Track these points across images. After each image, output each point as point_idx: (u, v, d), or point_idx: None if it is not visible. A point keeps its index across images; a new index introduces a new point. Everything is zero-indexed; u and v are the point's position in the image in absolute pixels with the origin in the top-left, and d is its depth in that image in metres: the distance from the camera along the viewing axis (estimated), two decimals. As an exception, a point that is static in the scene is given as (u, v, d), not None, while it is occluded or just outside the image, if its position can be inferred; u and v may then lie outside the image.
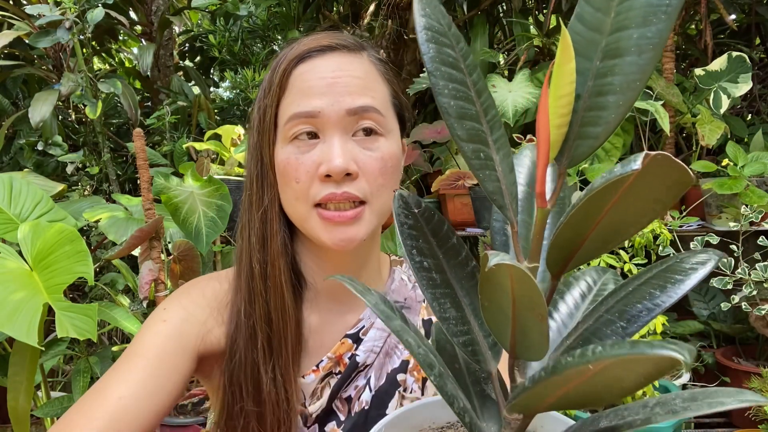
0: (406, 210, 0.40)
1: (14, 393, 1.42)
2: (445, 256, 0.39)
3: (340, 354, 0.74)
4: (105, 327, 1.77)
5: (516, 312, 0.33)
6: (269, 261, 0.71)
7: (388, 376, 0.75)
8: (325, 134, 0.67)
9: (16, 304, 1.10)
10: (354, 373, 0.74)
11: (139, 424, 0.64)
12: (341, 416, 0.74)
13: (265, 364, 0.70)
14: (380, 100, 0.69)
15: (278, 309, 0.71)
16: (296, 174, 0.67)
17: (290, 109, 0.67)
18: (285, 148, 0.68)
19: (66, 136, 2.71)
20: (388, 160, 0.68)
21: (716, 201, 1.67)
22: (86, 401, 0.65)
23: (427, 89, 2.17)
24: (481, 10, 2.36)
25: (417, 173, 2.03)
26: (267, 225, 0.71)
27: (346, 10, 2.68)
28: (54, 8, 2.15)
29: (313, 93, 0.66)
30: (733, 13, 2.35)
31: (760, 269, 1.46)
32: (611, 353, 0.26)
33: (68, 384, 1.93)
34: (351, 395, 0.74)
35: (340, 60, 0.69)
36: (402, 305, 0.79)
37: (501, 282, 0.31)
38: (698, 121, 1.70)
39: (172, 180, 1.64)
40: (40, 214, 1.52)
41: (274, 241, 0.71)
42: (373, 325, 0.76)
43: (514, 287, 0.30)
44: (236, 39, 3.29)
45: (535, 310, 0.32)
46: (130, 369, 0.66)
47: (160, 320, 0.71)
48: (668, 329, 1.74)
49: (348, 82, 0.67)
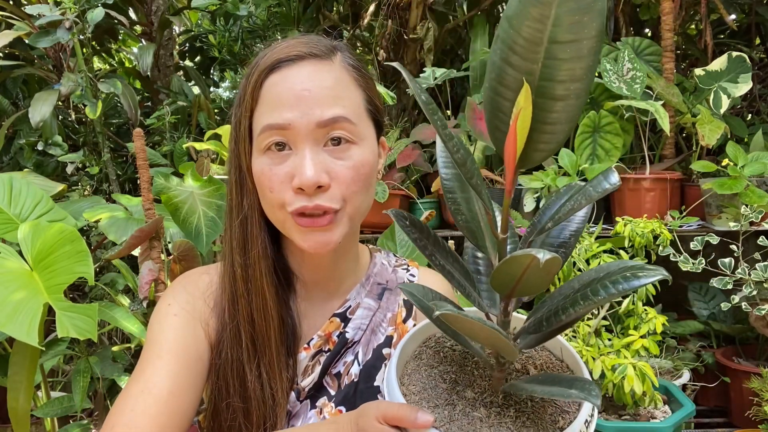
0: (411, 226, 0.60)
1: (14, 393, 1.42)
2: (435, 246, 0.60)
3: (329, 332, 0.79)
4: (105, 327, 1.77)
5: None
6: (250, 264, 0.74)
7: (374, 350, 0.81)
8: (296, 146, 0.68)
9: (16, 304, 1.10)
10: (343, 349, 0.79)
11: (188, 416, 0.69)
12: (332, 391, 0.78)
13: (249, 363, 0.73)
14: (351, 108, 0.70)
15: (260, 310, 0.74)
16: (270, 184, 0.69)
17: (262, 120, 0.69)
18: (260, 158, 0.70)
19: (66, 136, 2.71)
20: (360, 167, 0.70)
21: (716, 201, 1.67)
22: (135, 401, 0.67)
23: (427, 89, 2.17)
24: (481, 10, 2.36)
25: (417, 173, 2.03)
26: (246, 230, 0.74)
27: (346, 10, 2.68)
28: (54, 8, 2.14)
29: (283, 105, 0.68)
30: (733, 13, 2.35)
31: (760, 269, 1.46)
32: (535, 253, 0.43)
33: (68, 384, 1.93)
34: (340, 371, 0.79)
35: (311, 69, 0.69)
36: (385, 287, 0.85)
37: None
38: (698, 121, 1.70)
39: (172, 180, 1.64)
40: (40, 214, 1.52)
41: (255, 246, 0.74)
42: (359, 305, 0.82)
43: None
44: (236, 39, 3.29)
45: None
46: (163, 365, 0.70)
47: (170, 315, 0.74)
48: (668, 329, 1.74)
49: (318, 93, 0.68)
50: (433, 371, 0.61)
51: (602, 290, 0.47)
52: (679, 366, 1.64)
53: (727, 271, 1.49)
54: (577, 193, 0.52)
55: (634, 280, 0.46)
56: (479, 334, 0.50)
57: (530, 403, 0.58)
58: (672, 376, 1.62)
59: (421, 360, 0.63)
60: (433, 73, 2.00)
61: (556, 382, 0.50)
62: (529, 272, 0.46)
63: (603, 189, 0.50)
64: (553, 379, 0.52)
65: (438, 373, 0.61)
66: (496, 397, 0.58)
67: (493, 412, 0.56)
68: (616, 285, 0.46)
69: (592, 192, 0.50)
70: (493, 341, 0.50)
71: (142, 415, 0.65)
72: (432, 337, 0.66)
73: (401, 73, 0.51)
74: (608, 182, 0.50)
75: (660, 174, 1.71)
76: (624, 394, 1.31)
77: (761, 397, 1.48)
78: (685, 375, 1.62)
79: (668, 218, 1.67)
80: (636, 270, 0.47)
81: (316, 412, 0.77)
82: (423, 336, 0.66)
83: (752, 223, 1.56)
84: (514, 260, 0.45)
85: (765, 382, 1.49)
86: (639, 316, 1.45)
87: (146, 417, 0.65)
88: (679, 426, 1.32)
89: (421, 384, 0.59)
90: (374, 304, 0.83)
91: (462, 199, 0.60)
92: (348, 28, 2.63)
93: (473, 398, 0.58)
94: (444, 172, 0.61)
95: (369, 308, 0.82)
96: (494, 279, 0.49)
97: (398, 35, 2.39)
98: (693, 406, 1.36)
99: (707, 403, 1.85)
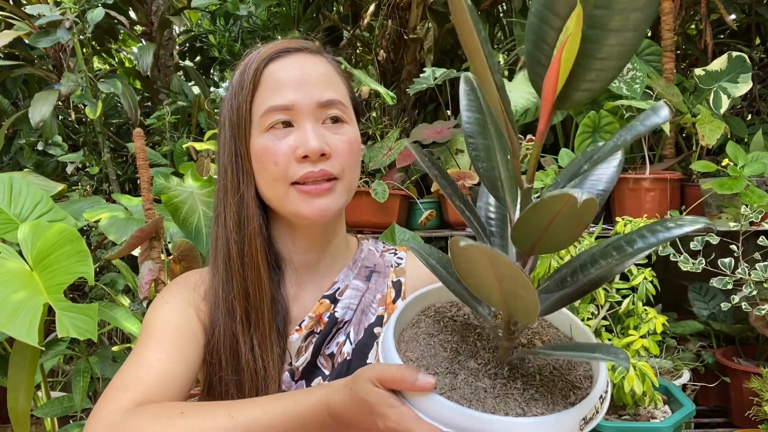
0: (431, 164, 0.56)
1: (14, 393, 1.42)
2: (453, 189, 0.56)
3: (320, 313, 0.82)
4: (105, 327, 1.77)
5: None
6: (246, 241, 0.78)
7: (366, 330, 0.83)
8: (298, 123, 0.76)
9: (16, 304, 1.10)
10: (334, 329, 0.82)
11: (179, 387, 0.70)
12: (326, 371, 0.81)
13: (243, 335, 0.77)
14: (342, 94, 0.80)
15: (255, 283, 0.78)
16: (274, 158, 0.75)
17: (266, 103, 0.76)
18: (261, 136, 0.76)
19: (66, 136, 2.71)
20: (353, 143, 0.79)
21: (716, 201, 1.67)
22: (127, 371, 0.70)
23: (427, 89, 2.17)
24: (481, 10, 2.36)
25: (417, 173, 2.02)
26: (243, 209, 0.78)
27: (346, 10, 2.68)
28: (54, 8, 2.14)
29: (287, 87, 0.76)
30: (733, 13, 2.34)
31: (760, 269, 1.46)
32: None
33: (68, 384, 1.93)
34: (333, 351, 0.82)
35: (306, 60, 0.79)
36: (372, 270, 0.88)
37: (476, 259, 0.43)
38: (698, 121, 1.70)
39: (172, 180, 1.64)
40: (40, 214, 1.52)
41: (251, 223, 0.78)
42: (348, 286, 0.85)
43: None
44: (236, 39, 3.29)
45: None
46: (155, 342, 0.73)
47: (163, 303, 0.79)
48: (668, 329, 1.74)
49: (316, 78, 0.77)
50: (432, 339, 0.57)
51: (639, 240, 0.42)
52: (679, 366, 1.64)
53: (727, 271, 1.49)
54: (622, 130, 0.46)
55: (675, 229, 0.42)
56: (503, 277, 0.43)
57: (539, 376, 0.54)
58: (672, 376, 1.62)
59: (419, 328, 0.59)
60: (433, 73, 2.00)
61: (576, 348, 0.46)
62: (558, 219, 0.40)
63: (652, 124, 0.44)
64: (570, 346, 0.48)
65: (438, 342, 0.57)
66: (502, 368, 0.54)
67: (498, 383, 0.52)
68: (656, 234, 0.42)
69: (639, 126, 0.45)
70: (517, 289, 0.43)
71: (132, 377, 0.69)
72: (432, 306, 0.64)
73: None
74: (658, 116, 0.45)
75: (660, 174, 1.71)
76: (624, 394, 1.31)
77: (761, 397, 1.48)
78: (685, 375, 1.62)
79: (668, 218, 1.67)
80: (675, 220, 0.43)
81: None
82: (422, 304, 0.64)
83: (752, 223, 1.56)
84: (543, 204, 0.39)
85: (765, 382, 1.49)
86: (639, 316, 1.45)
87: (134, 379, 0.68)
88: (679, 426, 1.32)
89: (419, 351, 0.55)
90: (363, 286, 0.86)
91: (482, 146, 0.55)
92: (348, 28, 2.63)
93: (476, 369, 0.54)
94: (466, 115, 0.56)
95: (357, 289, 0.85)
96: (516, 230, 0.44)
97: (398, 35, 2.38)
98: (693, 406, 1.36)
99: (707, 403, 1.85)
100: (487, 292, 0.48)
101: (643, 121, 0.45)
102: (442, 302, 0.65)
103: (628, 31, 0.40)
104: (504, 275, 0.43)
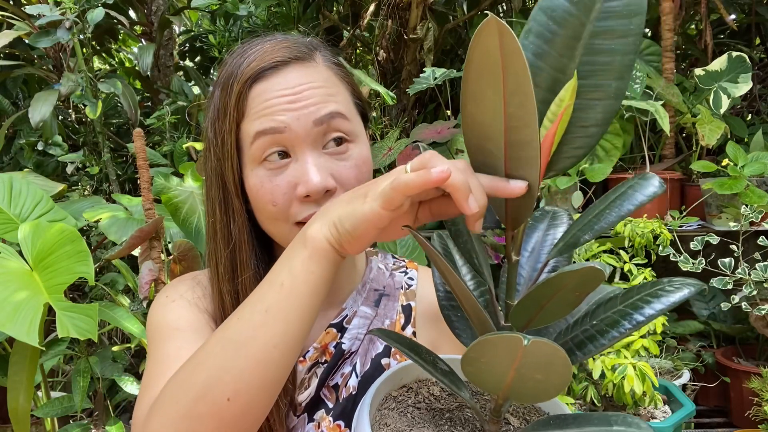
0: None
1: (14, 393, 1.42)
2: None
3: (326, 343, 0.76)
4: (105, 327, 1.77)
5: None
6: (240, 291, 0.70)
7: (373, 360, 0.76)
8: (295, 152, 0.65)
9: (16, 305, 1.10)
10: (340, 360, 0.75)
11: None
12: (329, 404, 0.75)
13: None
14: (344, 104, 0.68)
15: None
16: (272, 197, 0.65)
17: (253, 128, 0.65)
18: (255, 170, 0.66)
19: (66, 136, 2.71)
20: (362, 165, 0.68)
21: (716, 201, 1.67)
22: (148, 375, 0.65)
23: (427, 89, 2.17)
24: (481, 10, 2.36)
25: (417, 173, 2.02)
26: (236, 257, 0.70)
27: (346, 10, 2.68)
28: (54, 8, 2.14)
29: (276, 110, 0.65)
30: (733, 13, 2.35)
31: (760, 269, 1.46)
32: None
33: (68, 384, 1.93)
34: (338, 383, 0.75)
35: (297, 74, 0.67)
36: (382, 293, 0.81)
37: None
38: (698, 121, 1.70)
39: (172, 180, 1.64)
40: (40, 214, 1.52)
41: (246, 271, 0.70)
42: (356, 314, 0.78)
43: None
44: (236, 39, 3.29)
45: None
46: (172, 342, 0.68)
47: (169, 302, 0.73)
48: (668, 329, 1.74)
49: (310, 93, 0.65)
50: None
51: (636, 313, 0.41)
52: (679, 366, 1.64)
53: (727, 271, 1.49)
54: (623, 201, 0.44)
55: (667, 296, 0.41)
56: (526, 364, 0.38)
57: None
58: (672, 376, 1.62)
59: (387, 427, 0.51)
60: (433, 73, 2.00)
61: (587, 422, 0.40)
62: (561, 293, 0.40)
63: (651, 193, 0.43)
64: (579, 420, 0.42)
65: None
66: None
67: None
68: (653, 303, 0.41)
69: (640, 196, 0.43)
70: (534, 374, 0.39)
71: (154, 376, 0.64)
72: (389, 395, 0.56)
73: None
74: (653, 185, 0.44)
75: (660, 174, 1.71)
76: (624, 394, 1.31)
77: (761, 397, 1.48)
78: (685, 375, 1.62)
79: (668, 218, 1.67)
80: (665, 285, 0.42)
81: (314, 425, 0.74)
82: (390, 386, 0.57)
83: (752, 223, 1.56)
84: (551, 282, 0.38)
85: (765, 382, 1.49)
86: (639, 316, 1.45)
87: (159, 376, 0.62)
88: (679, 426, 1.32)
89: None
90: (371, 312, 0.79)
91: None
92: (348, 28, 2.63)
93: None
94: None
95: (366, 317, 0.78)
96: (519, 308, 0.42)
97: (398, 35, 2.38)
98: (693, 406, 1.36)
99: (707, 403, 1.85)
100: (494, 379, 0.42)
101: (643, 191, 0.44)
102: (418, 379, 0.59)
103: (609, 99, 0.41)
104: (528, 363, 0.38)
